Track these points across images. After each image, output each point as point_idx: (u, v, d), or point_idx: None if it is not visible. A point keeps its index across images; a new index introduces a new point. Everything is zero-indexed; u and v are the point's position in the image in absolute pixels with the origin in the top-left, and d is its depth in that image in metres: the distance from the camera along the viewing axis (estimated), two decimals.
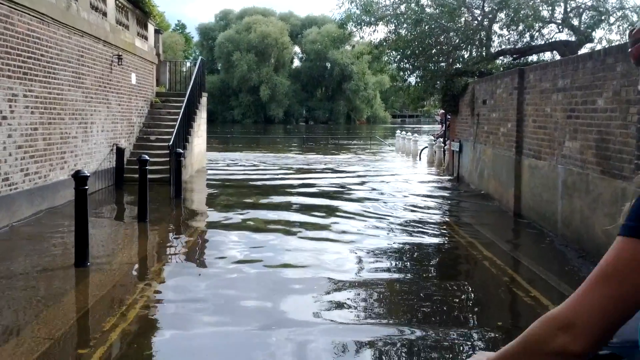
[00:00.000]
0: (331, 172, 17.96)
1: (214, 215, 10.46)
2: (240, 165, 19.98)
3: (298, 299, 5.81)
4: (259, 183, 15.12)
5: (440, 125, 23.08)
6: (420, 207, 11.51)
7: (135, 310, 5.42)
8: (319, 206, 11.36)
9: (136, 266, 7.16)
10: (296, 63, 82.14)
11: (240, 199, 12.35)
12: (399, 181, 15.76)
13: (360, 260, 7.24)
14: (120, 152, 13.91)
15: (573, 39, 16.26)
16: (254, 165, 20.00)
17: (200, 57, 20.49)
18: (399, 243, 8.36)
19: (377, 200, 12.27)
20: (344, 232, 8.92)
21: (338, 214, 10.49)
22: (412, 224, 9.79)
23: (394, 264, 7.25)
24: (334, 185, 14.62)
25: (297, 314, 5.32)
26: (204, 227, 9.63)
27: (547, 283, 6.56)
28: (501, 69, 15.50)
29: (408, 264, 7.33)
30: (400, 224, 9.71)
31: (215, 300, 5.76)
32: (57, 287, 6.08)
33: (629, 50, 1.20)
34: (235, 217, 10.10)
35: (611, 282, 1.07)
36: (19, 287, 6.00)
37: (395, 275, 6.72)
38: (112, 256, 7.45)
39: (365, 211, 10.79)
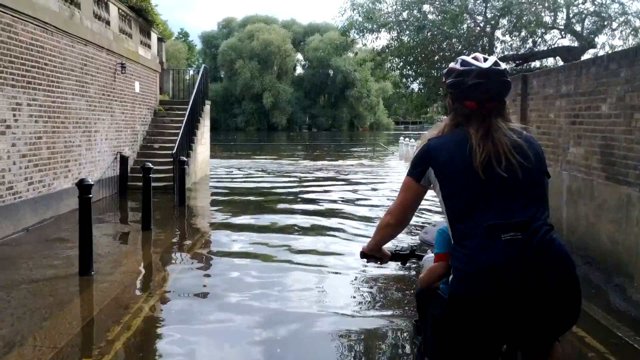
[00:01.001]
0: (337, 180, 17.96)
1: (217, 224, 10.44)
2: (245, 173, 19.98)
3: (302, 329, 5.79)
4: (264, 191, 15.11)
5: None
6: (421, 211, 11.49)
7: (140, 319, 5.40)
8: (324, 213, 11.34)
9: (140, 275, 7.15)
10: (299, 70, 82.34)
11: (245, 207, 12.34)
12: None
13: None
14: (124, 160, 13.93)
15: (576, 44, 16.27)
16: (259, 173, 20.00)
17: (203, 65, 20.50)
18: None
19: (382, 206, 12.24)
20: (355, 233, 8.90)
21: (344, 219, 10.48)
22: (412, 230, 9.77)
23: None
24: (345, 191, 14.61)
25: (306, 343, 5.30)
26: (208, 235, 9.61)
27: None
28: None
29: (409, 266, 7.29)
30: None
31: (219, 309, 5.74)
32: (61, 296, 6.06)
33: None
34: (240, 225, 10.09)
35: (404, 192, 2.44)
36: (22, 296, 5.98)
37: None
38: (117, 265, 7.43)
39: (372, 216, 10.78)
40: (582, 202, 7.96)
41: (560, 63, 15.10)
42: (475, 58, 2.39)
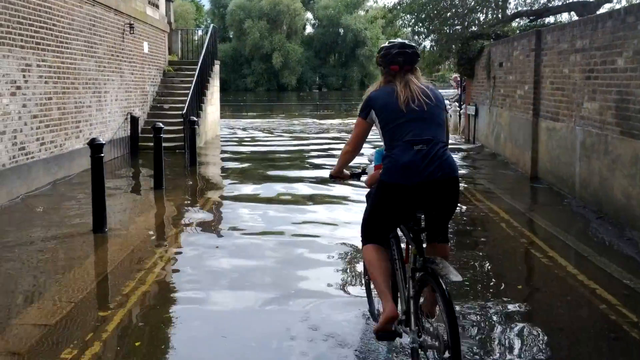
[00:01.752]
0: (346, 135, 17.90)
1: (229, 183, 10.48)
2: (255, 132, 19.95)
3: (313, 270, 5.84)
4: (273, 149, 15.11)
5: (455, 90, 22.72)
6: None
7: (154, 274, 5.47)
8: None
9: (153, 232, 7.22)
10: (309, 30, 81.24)
11: (256, 167, 12.36)
12: None
13: None
14: (134, 121, 13.93)
15: None
16: (269, 132, 19.98)
17: (212, 25, 20.29)
18: None
19: None
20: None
21: None
22: None
23: None
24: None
25: (314, 284, 5.36)
26: (219, 194, 9.66)
27: (565, 244, 6.53)
28: (517, 31, 15.19)
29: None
30: None
31: (230, 264, 5.80)
32: (76, 252, 6.14)
33: None
34: (250, 185, 10.13)
35: (357, 128, 3.53)
36: (38, 254, 6.07)
37: None
38: (130, 223, 7.51)
39: None
40: (595, 157, 7.89)
41: (575, 19, 14.79)
42: (396, 40, 3.63)
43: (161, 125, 9.86)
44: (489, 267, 5.74)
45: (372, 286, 3.93)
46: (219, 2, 77.02)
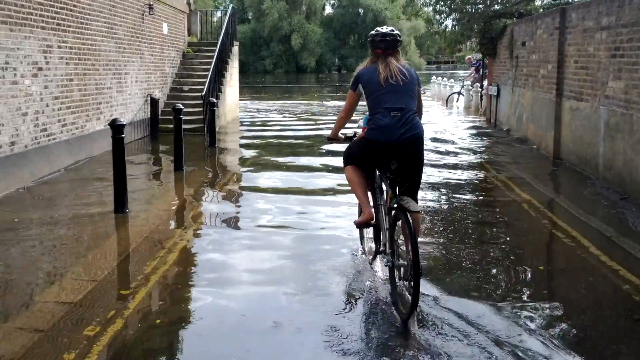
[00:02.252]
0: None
1: (248, 164, 10.49)
2: (274, 114, 19.93)
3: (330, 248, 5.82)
4: (294, 132, 15.09)
5: (471, 70, 22.36)
6: (457, 151, 11.36)
7: (175, 254, 5.51)
8: None
9: (174, 212, 7.25)
10: (328, 10, 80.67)
11: (276, 148, 12.36)
12: (437, 127, 15.53)
13: None
14: (154, 102, 13.97)
15: None
16: (288, 114, 19.94)
17: (231, 5, 20.18)
18: (437, 183, 8.29)
19: None
20: None
21: None
22: (449, 167, 9.69)
23: (430, 204, 7.18)
24: None
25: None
26: (238, 176, 9.67)
27: (588, 225, 6.44)
28: (541, 9, 14.91)
29: (444, 206, 7.25)
30: (437, 167, 9.62)
31: (252, 244, 5.81)
32: (97, 232, 6.20)
33: None
34: (270, 167, 10.14)
35: (348, 99, 4.53)
36: (60, 233, 6.14)
37: (431, 218, 6.67)
38: (150, 202, 7.56)
39: None
40: (620, 137, 7.75)
41: None
42: (381, 29, 4.53)
43: (181, 106, 9.87)
44: (511, 248, 5.68)
45: (363, 231, 5.38)
46: None
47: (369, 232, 5.28)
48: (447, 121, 17.46)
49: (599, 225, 6.40)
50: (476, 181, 8.96)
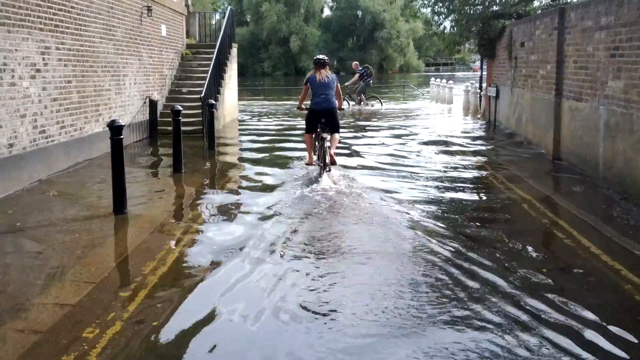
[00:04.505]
0: (374, 121, 17.82)
1: (248, 166, 10.45)
2: (273, 116, 19.91)
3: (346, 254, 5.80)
4: (292, 132, 15.06)
5: (355, 77, 22.62)
6: (455, 153, 11.35)
7: (174, 255, 5.49)
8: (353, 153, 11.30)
9: (173, 214, 7.22)
10: (326, 12, 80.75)
11: (274, 150, 12.33)
12: (435, 129, 15.51)
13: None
14: (153, 104, 13.94)
15: None
16: (287, 115, 19.91)
17: (229, 7, 20.16)
18: (436, 187, 8.28)
19: (413, 139, 12.13)
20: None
21: (375, 160, 10.42)
22: (449, 168, 9.68)
23: (432, 207, 7.16)
24: (372, 140, 14.49)
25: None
26: (237, 177, 9.64)
27: (589, 225, 6.42)
28: (539, 10, 14.90)
29: (445, 207, 7.22)
30: (437, 169, 9.61)
31: (251, 245, 5.78)
32: (96, 233, 6.17)
33: None
34: (269, 167, 10.11)
35: (303, 91, 9.40)
36: (59, 235, 6.11)
37: (432, 219, 6.65)
38: (149, 205, 7.53)
39: (400, 158, 10.72)
40: (620, 137, 7.74)
41: None
42: (318, 56, 9.11)
43: (180, 107, 9.85)
44: (512, 248, 5.65)
45: (306, 159, 9.29)
46: None
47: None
48: (445, 123, 17.45)
49: (599, 225, 6.38)
50: (476, 182, 8.93)
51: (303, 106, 9.48)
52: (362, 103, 22.21)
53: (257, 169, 9.98)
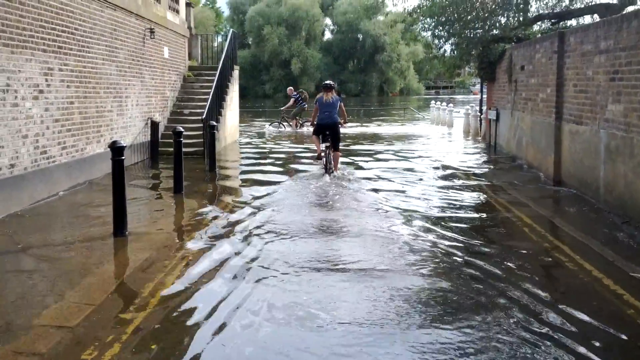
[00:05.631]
0: (371, 144, 17.86)
1: (247, 187, 10.45)
2: (274, 138, 19.95)
3: (346, 290, 5.78)
4: (293, 155, 15.08)
5: (290, 102, 22.95)
6: (456, 176, 11.35)
7: (174, 276, 5.46)
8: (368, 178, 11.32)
9: (173, 235, 7.20)
10: (327, 35, 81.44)
11: (275, 173, 12.34)
12: (435, 152, 15.55)
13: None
14: (154, 126, 14.00)
15: (615, 1, 15.65)
16: (288, 138, 19.96)
17: (231, 30, 20.34)
18: (437, 207, 8.26)
19: (414, 167, 12.15)
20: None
21: (383, 182, 10.43)
22: (449, 190, 9.68)
23: (432, 230, 7.14)
24: (379, 163, 14.51)
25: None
26: (237, 199, 9.62)
27: (590, 249, 6.40)
28: (539, 34, 15.02)
29: (445, 230, 7.20)
30: (438, 190, 9.61)
31: (248, 268, 5.76)
32: (96, 255, 6.15)
33: None
34: (270, 191, 10.11)
35: (314, 110, 11.43)
36: (59, 256, 6.09)
37: (434, 241, 6.63)
38: (150, 226, 7.51)
39: (402, 177, 10.72)
40: (620, 160, 7.75)
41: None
42: (326, 82, 11.68)
43: (181, 129, 9.88)
44: (512, 272, 5.63)
45: (317, 159, 11.63)
46: (238, 9, 77.50)
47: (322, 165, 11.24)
48: (445, 146, 17.49)
49: (601, 249, 6.36)
50: (476, 205, 8.92)
51: (315, 122, 11.53)
52: (297, 126, 22.93)
53: (258, 191, 9.97)
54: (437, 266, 5.78)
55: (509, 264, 5.87)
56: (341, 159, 12.14)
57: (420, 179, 11.03)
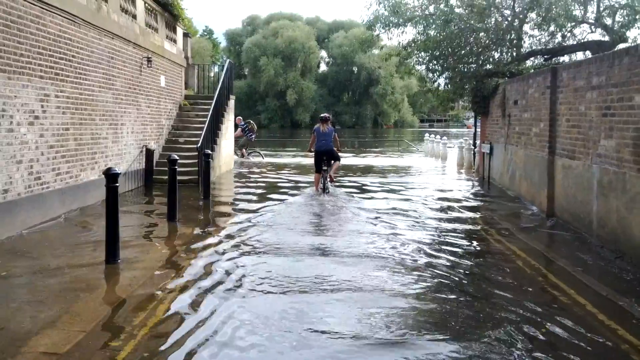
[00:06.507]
0: (366, 175, 17.90)
1: (242, 217, 10.42)
2: (268, 168, 19.98)
3: (338, 307, 5.74)
4: (288, 184, 15.10)
5: (238, 131, 22.98)
6: (451, 209, 11.37)
7: (165, 305, 5.41)
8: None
9: (165, 264, 7.15)
10: (323, 67, 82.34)
11: (267, 200, 12.32)
12: (431, 183, 15.60)
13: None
14: (149, 153, 14.02)
15: (606, 39, 15.92)
16: (284, 167, 19.99)
17: (228, 60, 20.53)
18: (431, 241, 8.26)
19: (410, 199, 12.16)
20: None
21: (380, 216, 10.43)
22: (443, 223, 9.68)
23: (426, 262, 7.12)
24: (375, 197, 14.51)
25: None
26: (231, 228, 9.59)
27: (583, 283, 6.39)
28: (532, 70, 15.23)
29: (438, 263, 7.18)
30: (432, 225, 9.61)
31: (240, 298, 5.71)
32: (88, 283, 6.10)
33: None
34: (263, 219, 10.09)
35: (312, 139, 13.55)
36: (51, 282, 6.03)
37: (427, 276, 6.60)
38: (142, 254, 7.46)
39: (401, 209, 10.73)
40: (613, 195, 7.79)
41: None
42: (323, 114, 13.66)
43: (176, 157, 9.89)
44: (506, 306, 5.60)
45: (314, 186, 13.32)
46: (235, 40, 78.40)
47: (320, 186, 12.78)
48: (439, 179, 17.56)
49: (594, 283, 6.35)
50: (470, 239, 8.92)
51: (312, 150, 13.20)
52: (244, 156, 23.21)
53: (251, 220, 9.94)
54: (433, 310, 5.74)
55: (502, 298, 5.85)
56: (338, 190, 13.16)
57: (415, 211, 11.03)
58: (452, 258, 7.47)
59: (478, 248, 8.28)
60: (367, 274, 6.53)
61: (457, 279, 6.51)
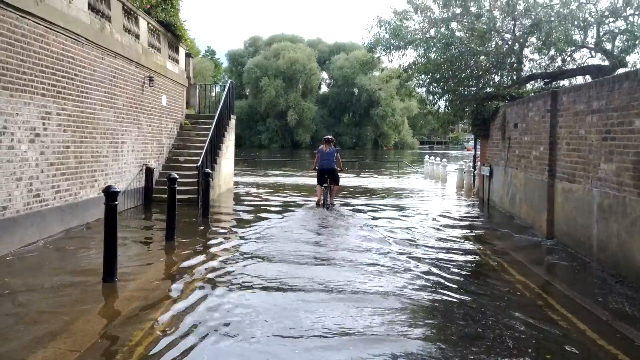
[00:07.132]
0: (367, 197, 17.88)
1: (240, 236, 10.38)
2: (268, 187, 19.96)
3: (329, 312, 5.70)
4: (287, 204, 15.07)
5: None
6: (450, 233, 11.34)
7: (162, 325, 5.36)
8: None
9: (163, 283, 7.10)
10: (324, 89, 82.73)
11: (266, 220, 12.29)
12: (431, 205, 15.58)
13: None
14: (149, 172, 14.02)
15: (606, 63, 16.01)
16: (279, 188, 19.98)
17: (230, 80, 20.64)
18: (426, 271, 8.22)
19: (408, 221, 12.13)
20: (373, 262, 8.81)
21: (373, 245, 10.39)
22: (442, 247, 9.65)
23: (425, 290, 7.08)
24: (377, 216, 14.51)
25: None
26: (230, 248, 9.55)
27: (583, 307, 6.34)
28: (532, 93, 15.30)
29: (438, 288, 7.14)
30: (432, 247, 9.58)
31: (239, 318, 5.67)
32: (85, 301, 6.05)
33: None
34: (263, 239, 10.06)
35: (315, 159, 14.65)
36: (47, 301, 5.99)
37: (426, 299, 6.56)
38: (140, 273, 7.42)
39: (400, 229, 10.70)
40: (613, 219, 7.77)
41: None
42: (326, 136, 15.08)
43: (176, 175, 9.88)
44: (505, 330, 5.56)
45: (315, 199, 14.71)
46: (236, 61, 78.90)
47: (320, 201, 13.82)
48: (439, 201, 17.53)
49: (594, 308, 6.31)
50: (470, 263, 8.88)
51: (315, 168, 14.36)
52: None
53: (250, 238, 9.91)
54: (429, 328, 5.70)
55: (501, 323, 5.80)
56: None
57: (413, 235, 11.00)
58: (448, 280, 7.42)
59: (476, 272, 8.23)
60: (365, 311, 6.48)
61: (456, 301, 6.46)
